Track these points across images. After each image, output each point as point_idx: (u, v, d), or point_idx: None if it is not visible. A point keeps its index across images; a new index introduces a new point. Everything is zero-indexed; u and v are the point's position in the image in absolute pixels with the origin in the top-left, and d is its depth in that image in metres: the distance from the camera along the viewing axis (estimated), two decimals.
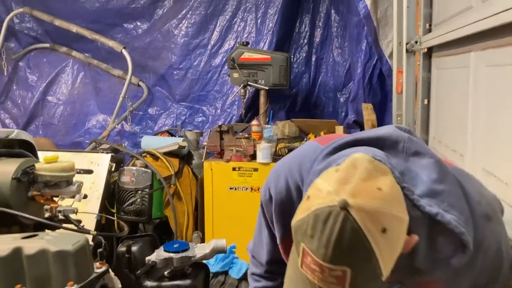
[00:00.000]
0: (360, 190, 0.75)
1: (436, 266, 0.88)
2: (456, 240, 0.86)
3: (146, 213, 3.00)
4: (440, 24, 2.13)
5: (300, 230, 0.78)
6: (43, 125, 4.21)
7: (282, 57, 3.44)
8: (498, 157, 1.40)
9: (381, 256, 0.75)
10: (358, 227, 0.73)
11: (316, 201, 0.77)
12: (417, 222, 0.84)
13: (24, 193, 1.64)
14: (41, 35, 4.25)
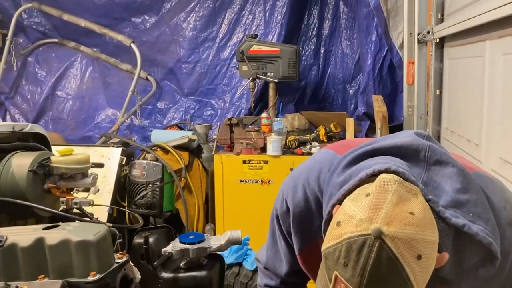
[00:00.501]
0: (393, 217, 0.74)
1: (463, 276, 0.87)
2: (483, 250, 0.84)
3: (157, 206, 3.01)
4: (453, 14, 2.11)
5: (332, 257, 0.77)
6: (52, 120, 4.23)
7: (291, 49, 3.43)
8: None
9: (416, 281, 0.74)
10: (394, 256, 0.72)
11: (348, 229, 0.76)
12: (443, 234, 0.82)
13: (40, 186, 1.65)
14: (49, 30, 4.26)
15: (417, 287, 0.75)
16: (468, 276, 0.87)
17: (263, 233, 1.32)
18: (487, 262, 0.85)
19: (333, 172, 0.94)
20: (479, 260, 0.86)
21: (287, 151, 3.15)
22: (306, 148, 3.14)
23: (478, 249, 0.84)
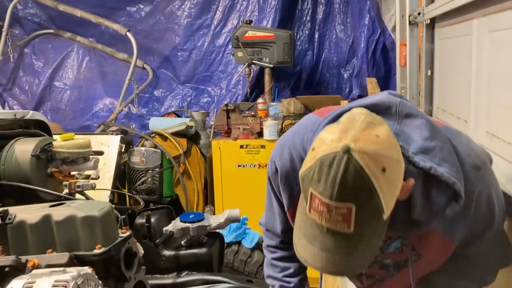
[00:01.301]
0: (361, 137, 0.83)
1: (432, 217, 0.96)
2: (449, 190, 0.94)
3: (157, 191, 3.07)
4: None
5: (307, 177, 0.86)
6: (51, 110, 4.26)
7: (285, 34, 3.46)
8: (500, 119, 1.44)
9: (382, 193, 0.83)
10: (360, 167, 0.81)
11: (321, 149, 0.84)
12: (413, 178, 0.92)
13: (43, 170, 1.70)
14: (45, 21, 4.28)
15: (383, 200, 0.83)
16: (436, 216, 0.96)
17: (261, 214, 1.39)
18: (453, 200, 0.94)
19: (315, 132, 1.02)
20: (446, 200, 0.95)
21: None
22: None
23: (444, 189, 0.94)
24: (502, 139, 1.42)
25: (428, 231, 1.00)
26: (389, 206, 0.86)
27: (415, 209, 0.95)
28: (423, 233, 1.02)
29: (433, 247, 1.05)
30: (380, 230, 0.89)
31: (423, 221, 0.97)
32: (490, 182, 1.03)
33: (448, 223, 1.00)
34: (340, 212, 0.83)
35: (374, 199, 0.83)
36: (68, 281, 0.89)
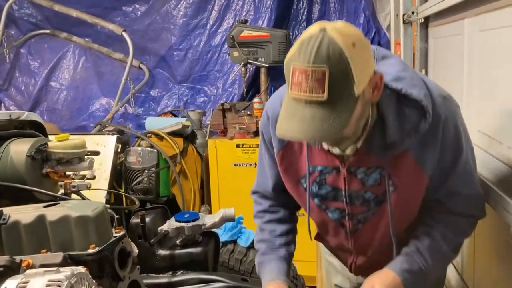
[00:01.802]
0: (336, 25, 1.00)
1: (404, 135, 1.10)
2: (418, 108, 1.09)
3: (154, 191, 3.08)
4: None
5: (289, 59, 1.01)
6: (47, 110, 4.27)
7: (281, 33, 3.47)
8: (492, 118, 1.46)
9: (352, 62, 0.96)
10: (332, 38, 0.96)
11: (302, 37, 1.00)
12: (387, 100, 1.10)
13: (38, 171, 1.70)
14: (40, 21, 4.28)
15: (354, 71, 0.97)
16: (409, 135, 1.10)
17: None
18: (422, 118, 1.09)
19: None
20: (416, 118, 1.09)
21: None
22: None
23: (414, 108, 1.09)
24: (494, 138, 1.43)
25: (402, 154, 1.13)
26: (360, 80, 0.99)
27: (389, 130, 1.10)
28: (397, 159, 1.14)
29: (406, 175, 1.15)
30: (351, 105, 1.00)
31: (397, 141, 1.11)
32: (456, 113, 1.17)
33: (419, 147, 1.13)
34: (316, 77, 0.96)
35: (345, 66, 0.96)
36: (61, 280, 0.90)
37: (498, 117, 1.39)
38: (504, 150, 1.35)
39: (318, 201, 1.27)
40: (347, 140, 1.13)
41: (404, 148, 1.12)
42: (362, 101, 1.03)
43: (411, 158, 1.13)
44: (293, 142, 1.25)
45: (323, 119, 0.98)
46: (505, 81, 1.33)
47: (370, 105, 1.09)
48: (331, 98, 0.97)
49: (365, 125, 1.12)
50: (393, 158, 1.14)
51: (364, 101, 1.04)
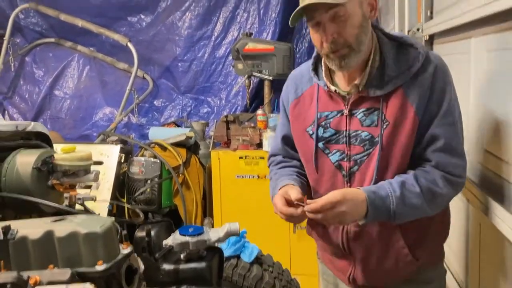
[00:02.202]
0: None
1: (400, 74, 1.29)
2: (414, 53, 1.30)
3: (156, 202, 3.07)
4: (441, 11, 2.18)
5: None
6: (50, 119, 4.28)
7: (285, 47, 3.49)
8: (499, 138, 1.46)
9: None
10: None
11: None
12: (388, 45, 1.34)
13: (44, 182, 1.70)
14: (46, 30, 4.31)
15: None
16: (403, 73, 1.29)
17: (260, 226, 1.44)
18: (416, 59, 1.29)
19: None
20: (411, 61, 1.29)
21: None
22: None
23: (411, 52, 1.31)
24: (500, 158, 1.43)
25: (395, 91, 1.30)
26: None
27: (387, 68, 1.30)
28: (391, 96, 1.30)
29: (397, 110, 1.29)
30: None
31: (393, 77, 1.29)
32: (449, 73, 1.33)
33: (410, 85, 1.29)
34: None
35: None
36: None
37: (506, 137, 1.40)
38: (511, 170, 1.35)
39: (322, 145, 1.41)
40: (352, 55, 1.29)
41: (398, 85, 1.29)
42: (361, 10, 1.27)
43: (402, 94, 1.28)
44: (305, 94, 1.46)
45: None
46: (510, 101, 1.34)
47: (369, 24, 1.31)
48: None
49: (366, 64, 1.33)
50: (387, 95, 1.30)
51: (363, 12, 1.28)
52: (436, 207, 1.33)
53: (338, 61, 1.30)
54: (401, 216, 1.27)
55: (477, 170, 1.60)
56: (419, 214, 1.31)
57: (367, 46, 1.32)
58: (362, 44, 1.29)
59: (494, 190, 1.43)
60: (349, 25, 1.25)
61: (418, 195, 1.27)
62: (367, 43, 1.32)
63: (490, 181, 1.49)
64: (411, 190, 1.27)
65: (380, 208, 1.25)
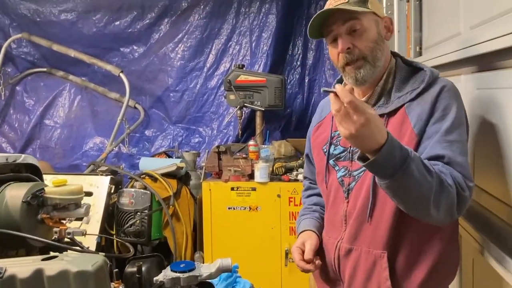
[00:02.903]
0: None
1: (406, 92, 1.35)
2: (421, 75, 1.36)
3: (146, 234, 3.03)
4: (430, 48, 2.23)
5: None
6: (40, 148, 4.24)
7: (277, 79, 3.53)
8: (489, 175, 1.47)
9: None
10: None
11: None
12: (402, 70, 1.40)
13: (33, 216, 1.67)
14: (38, 60, 4.32)
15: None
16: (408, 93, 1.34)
17: (251, 259, 1.45)
18: (421, 82, 1.34)
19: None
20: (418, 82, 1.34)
21: (274, 177, 3.21)
22: (293, 175, 3.20)
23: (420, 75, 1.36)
24: (491, 194, 1.44)
25: (398, 109, 1.33)
26: (373, 4, 1.34)
27: (395, 88, 1.37)
28: (393, 114, 1.34)
29: (396, 126, 1.31)
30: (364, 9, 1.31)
31: (398, 96, 1.34)
32: (458, 96, 1.33)
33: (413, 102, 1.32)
34: None
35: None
36: None
37: (496, 174, 1.41)
38: (502, 207, 1.36)
39: (333, 161, 1.47)
40: (367, 67, 1.35)
41: (401, 103, 1.32)
42: (377, 28, 1.35)
43: (404, 112, 1.31)
44: (328, 117, 1.55)
45: (344, 3, 1.32)
46: (504, 141, 1.36)
47: (385, 44, 1.38)
48: (351, 2, 1.31)
49: (379, 80, 1.39)
50: (391, 114, 1.34)
51: (379, 30, 1.36)
52: (441, 201, 1.17)
53: (353, 73, 1.37)
54: (410, 172, 1.11)
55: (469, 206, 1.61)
56: (424, 191, 1.14)
57: (383, 65, 1.39)
58: (377, 59, 1.36)
59: (486, 227, 1.43)
60: (364, 38, 1.33)
61: (431, 173, 1.15)
62: (383, 62, 1.39)
63: (482, 217, 1.50)
64: (427, 166, 1.16)
65: (396, 148, 1.11)
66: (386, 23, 1.39)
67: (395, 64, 1.43)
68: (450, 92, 1.31)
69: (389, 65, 1.41)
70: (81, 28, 4.15)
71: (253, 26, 4.01)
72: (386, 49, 1.40)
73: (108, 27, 4.15)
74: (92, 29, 4.15)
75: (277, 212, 3.05)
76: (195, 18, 4.09)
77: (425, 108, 1.29)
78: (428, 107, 1.28)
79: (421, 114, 1.28)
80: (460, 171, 1.22)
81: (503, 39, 1.17)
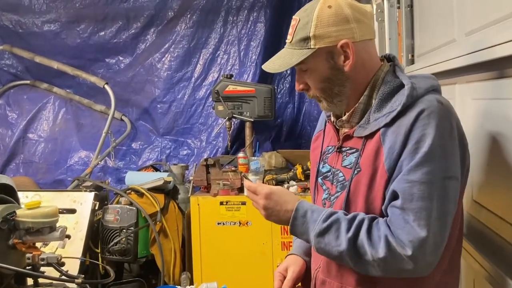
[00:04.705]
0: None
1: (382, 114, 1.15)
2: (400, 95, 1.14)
3: (132, 252, 2.92)
4: (423, 55, 2.16)
5: None
6: (23, 163, 4.10)
7: (266, 89, 3.45)
8: (488, 190, 1.39)
9: (317, 18, 1.15)
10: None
11: None
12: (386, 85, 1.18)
13: (4, 242, 1.57)
14: (21, 72, 4.20)
15: (314, 25, 1.15)
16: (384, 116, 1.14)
17: (241, 276, 1.40)
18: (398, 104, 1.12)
19: None
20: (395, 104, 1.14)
21: None
22: (284, 187, 3.10)
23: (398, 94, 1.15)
24: (490, 211, 1.36)
25: (373, 134, 1.16)
26: (319, 35, 1.15)
27: (372, 107, 1.18)
28: (369, 139, 1.17)
29: (370, 156, 1.15)
30: (305, 53, 1.16)
31: (375, 119, 1.16)
32: (438, 118, 1.08)
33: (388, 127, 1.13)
34: (292, 24, 1.20)
35: (310, 18, 1.16)
36: None
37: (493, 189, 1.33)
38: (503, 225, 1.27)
39: (321, 180, 1.34)
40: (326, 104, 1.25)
41: (376, 128, 1.15)
42: (330, 63, 1.18)
43: (378, 139, 1.15)
44: (326, 128, 1.38)
45: (279, 57, 1.23)
46: (498, 151, 1.28)
47: (343, 75, 1.19)
48: (293, 42, 1.19)
49: (360, 96, 1.22)
50: (368, 137, 1.18)
51: (333, 65, 1.18)
52: (361, 266, 1.10)
53: (319, 104, 1.29)
54: (318, 247, 1.16)
55: (467, 221, 1.53)
56: (338, 259, 1.15)
57: (361, 82, 1.20)
58: (335, 96, 1.22)
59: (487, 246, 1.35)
60: (313, 78, 1.21)
61: (345, 240, 1.10)
62: (350, 90, 1.20)
63: (483, 235, 1.41)
64: (340, 231, 1.11)
65: (299, 228, 1.19)
66: (344, 50, 1.16)
67: (385, 73, 1.21)
68: (429, 118, 1.07)
69: (373, 77, 1.21)
70: (65, 39, 4.04)
71: (241, 35, 3.93)
72: (355, 74, 1.19)
73: (92, 38, 4.04)
74: (76, 40, 4.05)
75: (268, 227, 2.95)
76: (182, 28, 4.00)
77: (399, 138, 1.09)
78: (402, 138, 1.09)
79: (393, 146, 1.10)
80: (412, 220, 1.04)
81: (506, 46, 1.09)
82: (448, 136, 1.08)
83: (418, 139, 1.07)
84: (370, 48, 1.22)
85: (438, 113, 1.08)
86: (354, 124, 1.23)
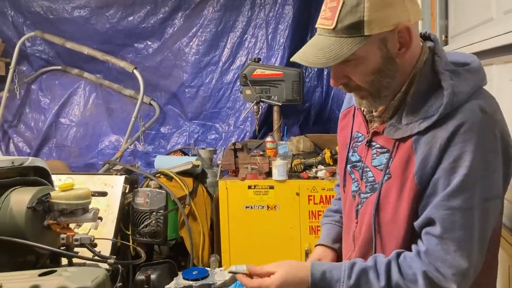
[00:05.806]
0: None
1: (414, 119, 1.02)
2: (438, 100, 1.00)
3: (161, 234, 2.96)
4: (458, 36, 2.08)
5: None
6: (56, 147, 4.21)
7: (294, 72, 3.41)
8: None
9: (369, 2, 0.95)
10: None
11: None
12: (425, 81, 1.04)
13: (39, 223, 1.61)
14: (52, 58, 4.28)
15: (367, 8, 0.95)
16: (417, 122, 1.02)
17: (270, 260, 1.37)
18: (434, 112, 0.99)
19: None
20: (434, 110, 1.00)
21: (293, 175, 3.10)
22: (312, 172, 3.09)
23: (436, 98, 1.00)
24: None
25: (405, 139, 1.05)
26: (373, 19, 0.95)
27: (406, 109, 1.05)
28: (401, 144, 1.06)
29: (400, 164, 1.05)
30: (356, 43, 0.97)
31: (407, 123, 1.04)
32: (483, 135, 0.97)
33: (422, 138, 1.01)
34: (331, 6, 1.00)
35: (360, 4, 0.96)
36: None
37: None
38: None
39: (350, 168, 1.26)
40: (371, 99, 1.09)
41: (409, 133, 1.04)
42: (383, 51, 1.00)
43: (410, 147, 1.03)
44: (352, 108, 1.27)
45: (321, 48, 1.00)
46: None
47: (395, 65, 1.03)
48: (338, 29, 0.98)
49: (398, 92, 1.08)
50: (401, 140, 1.06)
51: (385, 54, 1.01)
52: None
53: (358, 101, 1.14)
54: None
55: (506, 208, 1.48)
56: None
57: (399, 78, 1.06)
58: (382, 90, 1.06)
59: None
60: (360, 70, 1.03)
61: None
62: (397, 80, 1.06)
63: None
64: (371, 283, 1.04)
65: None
66: (402, 36, 1.00)
67: (423, 63, 1.06)
68: (470, 133, 0.96)
69: (412, 70, 1.06)
70: (94, 25, 4.09)
71: (269, 18, 3.88)
72: (403, 64, 1.05)
73: (121, 23, 4.07)
74: (106, 25, 4.08)
75: (296, 211, 2.94)
76: (209, 11, 3.98)
77: (433, 152, 0.99)
78: (436, 152, 0.98)
79: (427, 159, 1.00)
80: (453, 251, 0.97)
81: None
82: (491, 152, 0.98)
83: (456, 157, 0.97)
84: (417, 32, 1.06)
85: (480, 125, 0.96)
86: (385, 119, 1.12)
